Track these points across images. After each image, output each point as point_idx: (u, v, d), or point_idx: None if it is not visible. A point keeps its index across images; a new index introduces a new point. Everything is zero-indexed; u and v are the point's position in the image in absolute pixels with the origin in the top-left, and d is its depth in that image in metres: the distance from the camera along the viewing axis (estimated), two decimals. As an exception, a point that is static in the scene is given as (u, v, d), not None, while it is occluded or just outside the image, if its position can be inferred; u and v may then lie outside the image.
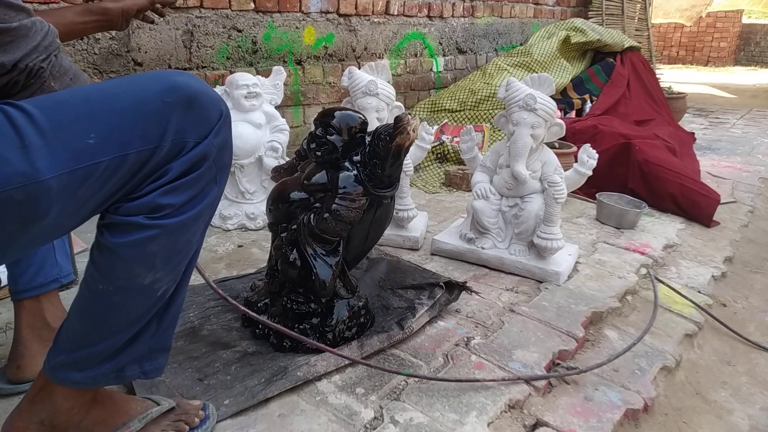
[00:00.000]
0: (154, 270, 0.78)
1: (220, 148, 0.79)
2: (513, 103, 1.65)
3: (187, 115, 0.75)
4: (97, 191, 0.70)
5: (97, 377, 0.84)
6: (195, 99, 0.75)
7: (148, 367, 0.88)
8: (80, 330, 0.82)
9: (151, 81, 0.74)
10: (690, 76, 9.10)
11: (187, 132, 0.75)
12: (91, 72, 2.09)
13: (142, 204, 0.74)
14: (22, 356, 1.11)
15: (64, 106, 0.69)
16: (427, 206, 2.41)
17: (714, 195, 2.40)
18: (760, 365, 1.50)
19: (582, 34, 4.08)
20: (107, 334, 0.81)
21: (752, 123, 4.90)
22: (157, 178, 0.74)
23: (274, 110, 2.12)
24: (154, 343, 0.86)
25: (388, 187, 1.25)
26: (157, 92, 0.73)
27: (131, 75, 0.80)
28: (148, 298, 0.81)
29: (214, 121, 0.78)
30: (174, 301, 0.87)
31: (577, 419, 1.14)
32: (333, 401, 1.12)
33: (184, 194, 0.77)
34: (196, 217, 0.80)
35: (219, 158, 0.80)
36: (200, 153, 0.76)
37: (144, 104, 0.72)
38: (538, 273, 1.70)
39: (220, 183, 0.83)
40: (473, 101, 3.38)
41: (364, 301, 1.33)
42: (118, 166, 0.70)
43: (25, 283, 1.10)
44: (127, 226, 0.75)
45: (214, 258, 1.81)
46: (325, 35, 2.95)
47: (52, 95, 0.74)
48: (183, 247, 0.81)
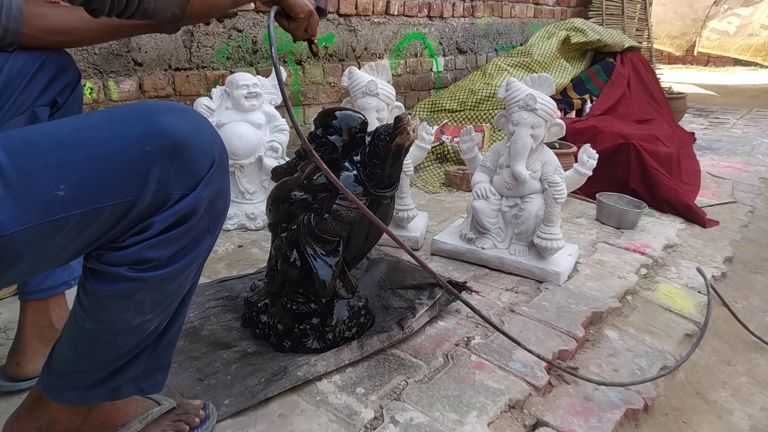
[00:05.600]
0: (142, 313, 0.73)
1: (213, 197, 0.71)
2: (513, 103, 1.65)
3: (171, 165, 0.66)
4: (73, 240, 0.64)
5: (92, 397, 0.83)
6: (182, 147, 0.67)
7: (145, 385, 0.85)
8: (71, 358, 0.80)
9: (134, 123, 0.66)
10: (690, 76, 9.10)
11: (171, 183, 0.67)
12: (91, 72, 2.09)
13: (126, 255, 0.68)
14: (23, 353, 1.11)
15: (33, 150, 0.61)
16: (427, 206, 2.41)
17: (701, 212, 2.39)
18: (760, 365, 1.50)
19: (582, 34, 4.08)
20: (98, 364, 0.79)
21: (752, 123, 4.90)
22: (140, 231, 0.67)
23: (274, 110, 2.12)
24: (151, 364, 0.84)
25: (388, 187, 1.26)
26: (137, 138, 0.65)
27: (112, 109, 0.70)
28: (138, 336, 0.77)
29: (204, 170, 0.69)
30: (169, 330, 0.83)
31: (577, 419, 1.14)
32: (333, 401, 1.12)
33: (171, 247, 0.70)
34: (185, 266, 0.73)
35: (211, 207, 0.72)
36: (188, 206, 0.68)
37: (122, 151, 0.64)
38: (538, 273, 1.70)
39: (215, 230, 0.76)
40: (473, 101, 3.38)
41: (364, 301, 1.33)
42: (93, 218, 0.63)
43: (35, 285, 1.10)
44: (111, 276, 0.69)
45: (214, 258, 1.81)
46: (325, 35, 2.95)
47: (21, 134, 0.64)
48: (173, 292, 0.76)
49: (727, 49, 9.55)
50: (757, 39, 9.36)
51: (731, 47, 9.56)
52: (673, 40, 8.27)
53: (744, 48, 9.38)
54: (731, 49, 9.53)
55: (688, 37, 8.41)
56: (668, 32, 8.16)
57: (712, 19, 8.92)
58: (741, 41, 9.37)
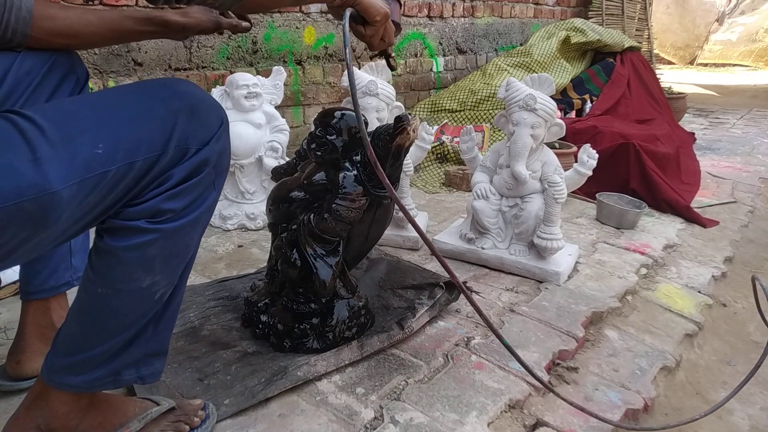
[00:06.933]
0: (152, 273, 0.80)
1: (220, 154, 0.82)
2: (513, 103, 1.65)
3: (190, 122, 0.77)
4: (104, 198, 0.72)
5: (94, 381, 0.84)
6: (197, 106, 0.78)
7: (145, 371, 0.88)
8: (78, 333, 0.83)
9: (155, 88, 0.77)
10: (690, 77, 9.10)
11: (189, 138, 0.77)
12: (91, 72, 2.09)
13: (145, 209, 0.76)
14: (23, 351, 1.11)
15: (73, 117, 0.71)
16: (427, 206, 2.41)
17: (700, 218, 2.39)
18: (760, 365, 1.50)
19: (582, 35, 4.08)
20: (105, 336, 0.82)
21: (752, 123, 4.90)
22: (160, 184, 0.76)
23: (274, 110, 2.12)
24: (151, 347, 0.87)
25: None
26: (161, 99, 0.75)
27: (133, 83, 0.81)
28: (145, 302, 0.82)
29: (215, 127, 0.80)
30: (170, 305, 0.88)
31: (577, 419, 1.14)
32: (333, 401, 1.12)
33: (185, 199, 0.79)
34: (194, 221, 0.81)
35: (218, 164, 0.82)
36: (202, 159, 0.78)
37: (149, 112, 0.74)
38: (538, 273, 1.70)
39: (218, 188, 0.85)
40: (473, 101, 3.38)
41: (364, 301, 1.33)
42: (125, 173, 0.72)
43: (38, 284, 1.10)
44: (128, 230, 0.76)
45: (214, 258, 1.81)
46: (325, 35, 2.95)
47: (59, 105, 0.76)
48: (181, 250, 0.83)
49: (728, 57, 9.61)
50: (760, 44, 9.40)
51: (733, 55, 9.62)
52: (677, 51, 8.31)
53: (746, 54, 9.42)
54: (733, 57, 9.59)
55: (692, 49, 8.46)
56: (673, 42, 8.21)
57: (715, 33, 8.97)
58: (744, 47, 9.42)
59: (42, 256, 1.10)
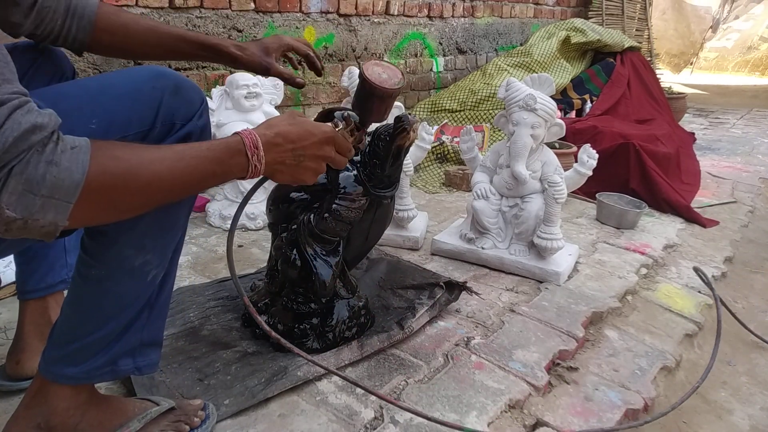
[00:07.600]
0: (143, 251, 0.82)
1: (202, 129, 0.85)
2: (513, 103, 1.65)
3: (174, 99, 0.81)
4: None
5: (92, 371, 0.85)
6: (180, 86, 0.82)
7: (142, 362, 0.89)
8: (74, 320, 0.84)
9: (141, 71, 0.81)
10: (690, 77, 9.11)
11: (174, 114, 0.81)
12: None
13: None
14: (23, 351, 1.11)
15: (66, 97, 0.74)
16: (427, 206, 2.41)
17: (701, 218, 2.39)
18: (760, 365, 1.50)
19: (582, 35, 4.08)
20: (101, 321, 0.83)
21: (752, 123, 4.90)
22: None
23: (274, 110, 2.12)
24: (146, 335, 0.89)
25: (388, 187, 1.25)
26: (147, 79, 0.80)
27: (119, 69, 0.87)
28: (139, 282, 0.84)
29: (198, 104, 0.84)
30: (163, 290, 0.89)
31: (577, 419, 1.14)
32: (333, 401, 1.12)
33: None
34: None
35: (201, 139, 0.85)
36: (185, 133, 0.82)
37: (137, 90, 0.78)
38: (538, 273, 1.70)
39: None
40: (473, 101, 3.38)
41: (364, 301, 1.33)
42: None
43: (34, 283, 1.11)
44: None
45: (214, 258, 1.81)
46: (325, 35, 2.95)
47: (53, 88, 0.81)
48: (170, 227, 0.86)
49: (724, 68, 9.61)
50: (756, 53, 9.40)
51: (728, 65, 9.62)
52: (672, 59, 8.32)
53: (741, 64, 9.43)
54: (729, 68, 9.59)
55: (686, 57, 8.46)
56: (668, 49, 8.21)
57: (710, 40, 8.96)
58: (739, 57, 9.41)
59: (37, 255, 1.10)
